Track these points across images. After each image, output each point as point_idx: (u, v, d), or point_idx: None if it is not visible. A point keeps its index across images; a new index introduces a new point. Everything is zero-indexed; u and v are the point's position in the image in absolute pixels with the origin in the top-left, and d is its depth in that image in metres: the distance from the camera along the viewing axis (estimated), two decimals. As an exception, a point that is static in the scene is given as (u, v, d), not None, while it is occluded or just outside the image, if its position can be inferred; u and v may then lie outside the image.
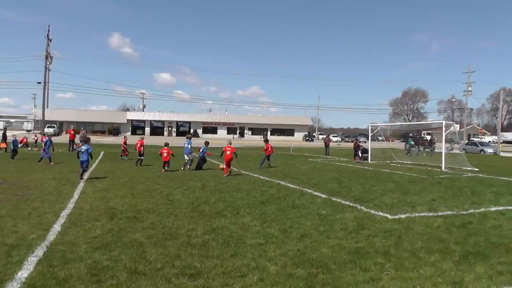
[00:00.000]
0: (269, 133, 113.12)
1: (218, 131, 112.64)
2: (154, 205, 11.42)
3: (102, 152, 34.20)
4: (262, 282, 5.82)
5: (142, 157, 23.48)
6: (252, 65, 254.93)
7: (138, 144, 23.85)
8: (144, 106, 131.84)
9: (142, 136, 29.53)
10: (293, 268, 6.42)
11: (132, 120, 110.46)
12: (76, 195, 12.65)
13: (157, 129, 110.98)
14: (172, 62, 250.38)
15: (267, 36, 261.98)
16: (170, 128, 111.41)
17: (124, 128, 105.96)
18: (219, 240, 7.93)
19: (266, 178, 18.11)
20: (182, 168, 21.58)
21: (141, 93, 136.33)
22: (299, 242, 7.97)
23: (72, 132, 38.21)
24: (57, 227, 8.58)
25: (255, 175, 19.37)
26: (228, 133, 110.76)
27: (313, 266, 6.54)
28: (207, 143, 23.21)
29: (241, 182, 16.73)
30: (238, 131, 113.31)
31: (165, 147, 20.64)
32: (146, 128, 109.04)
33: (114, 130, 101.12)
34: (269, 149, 24.62)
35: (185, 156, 21.96)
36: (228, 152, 19.54)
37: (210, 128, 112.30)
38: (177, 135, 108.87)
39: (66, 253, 6.88)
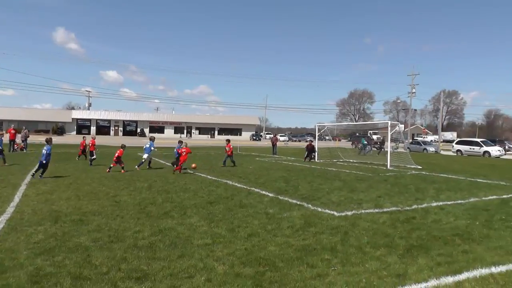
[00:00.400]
0: (216, 132, 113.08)
1: (165, 130, 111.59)
2: (100, 207, 11.09)
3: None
4: (210, 283, 5.75)
5: (94, 157, 23.68)
6: (200, 63, 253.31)
7: (90, 144, 24.42)
8: (89, 105, 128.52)
9: (94, 135, 28.94)
10: (241, 267, 6.38)
11: (77, 119, 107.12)
12: (17, 198, 12.08)
13: (103, 128, 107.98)
14: (119, 59, 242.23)
15: (216, 35, 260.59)
16: (116, 128, 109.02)
17: (69, 127, 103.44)
18: (166, 242, 7.79)
19: (213, 178, 18.00)
20: (137, 167, 21.59)
21: (86, 91, 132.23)
22: (246, 241, 7.94)
23: (13, 131, 36.13)
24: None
25: (202, 175, 19.22)
26: (175, 132, 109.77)
27: (260, 265, 6.52)
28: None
29: (188, 182, 16.54)
30: (185, 131, 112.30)
31: (122, 148, 20.63)
32: (92, 127, 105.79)
33: (59, 129, 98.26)
34: (230, 148, 25.13)
35: (144, 155, 22.34)
36: (184, 153, 19.93)
37: (157, 128, 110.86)
38: (123, 134, 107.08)
39: (4, 261, 6.50)
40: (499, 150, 48.18)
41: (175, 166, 20.64)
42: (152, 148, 22.71)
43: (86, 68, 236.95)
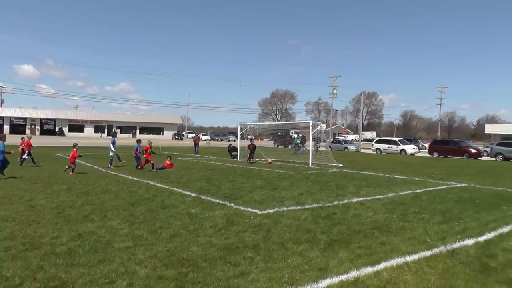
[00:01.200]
0: (138, 131, 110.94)
1: (85, 129, 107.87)
2: (13, 212, 10.38)
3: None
4: (132, 287, 5.63)
5: (25, 158, 23.07)
6: (121, 60, 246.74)
7: (26, 144, 23.68)
8: (2, 101, 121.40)
9: (29, 135, 27.59)
10: (163, 270, 6.27)
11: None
12: None
13: (17, 126, 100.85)
14: (35, 52, 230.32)
15: (138, 31, 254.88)
16: (33, 126, 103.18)
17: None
18: (86, 247, 7.47)
19: (135, 179, 17.65)
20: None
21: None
22: (169, 242, 7.83)
23: None
24: None
25: (123, 175, 18.80)
26: (96, 131, 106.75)
27: (183, 266, 6.46)
28: (139, 141, 23.52)
29: (109, 183, 16.10)
30: (106, 130, 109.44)
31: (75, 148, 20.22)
32: (5, 126, 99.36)
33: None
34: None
35: (110, 153, 23.66)
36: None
37: (77, 126, 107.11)
38: (41, 133, 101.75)
39: None
40: (414, 148, 51.32)
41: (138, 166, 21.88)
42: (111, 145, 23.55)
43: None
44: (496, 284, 6.01)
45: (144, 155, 21.70)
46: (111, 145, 23.86)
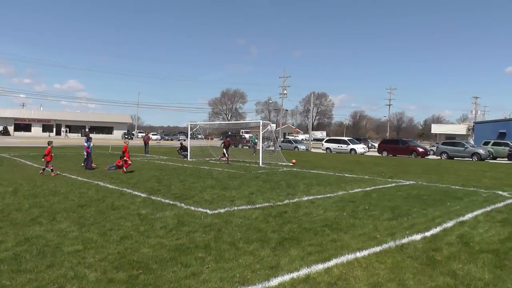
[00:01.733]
0: (87, 130, 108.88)
1: (33, 128, 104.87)
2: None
3: None
4: (81, 291, 5.53)
5: None
6: (70, 56, 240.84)
7: None
8: None
9: None
10: (114, 273, 6.18)
11: None
12: None
13: None
14: None
15: (88, 27, 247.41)
16: None
17: None
18: (33, 251, 7.23)
19: (84, 179, 17.29)
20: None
21: None
22: (119, 244, 7.73)
23: None
24: None
25: (72, 176, 18.37)
26: (44, 130, 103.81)
27: (134, 268, 6.38)
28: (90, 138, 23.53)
29: (58, 184, 15.68)
30: (55, 129, 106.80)
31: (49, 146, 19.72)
32: None
33: None
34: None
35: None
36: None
37: (24, 126, 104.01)
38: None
39: None
40: (363, 148, 52.75)
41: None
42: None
43: None
44: (441, 276, 6.24)
45: (124, 156, 21.25)
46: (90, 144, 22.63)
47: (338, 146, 53.05)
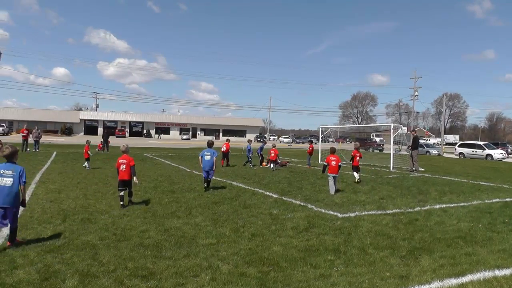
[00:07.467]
0: (221, 134, 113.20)
1: (171, 131, 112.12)
2: (107, 206, 11.22)
3: (55, 153, 32.93)
4: (215, 282, 5.84)
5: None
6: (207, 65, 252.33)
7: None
8: (97, 106, 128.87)
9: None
10: (245, 267, 6.46)
11: (85, 120, 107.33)
12: (27, 197, 12.15)
13: (110, 129, 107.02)
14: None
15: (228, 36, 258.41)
16: (123, 128, 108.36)
17: (76, 128, 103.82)
18: (171, 241, 7.89)
19: (218, 179, 18.01)
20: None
21: (94, 92, 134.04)
22: (250, 241, 8.04)
23: (26, 131, 35.23)
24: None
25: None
26: (180, 133, 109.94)
27: (264, 265, 6.61)
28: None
29: (193, 182, 16.66)
30: (190, 132, 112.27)
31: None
32: (99, 128, 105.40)
33: (67, 129, 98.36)
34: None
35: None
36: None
37: (163, 129, 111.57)
38: (130, 135, 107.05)
39: (16, 257, 6.65)
40: (501, 153, 48.16)
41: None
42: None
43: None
44: None
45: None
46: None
47: (472, 151, 49.82)
